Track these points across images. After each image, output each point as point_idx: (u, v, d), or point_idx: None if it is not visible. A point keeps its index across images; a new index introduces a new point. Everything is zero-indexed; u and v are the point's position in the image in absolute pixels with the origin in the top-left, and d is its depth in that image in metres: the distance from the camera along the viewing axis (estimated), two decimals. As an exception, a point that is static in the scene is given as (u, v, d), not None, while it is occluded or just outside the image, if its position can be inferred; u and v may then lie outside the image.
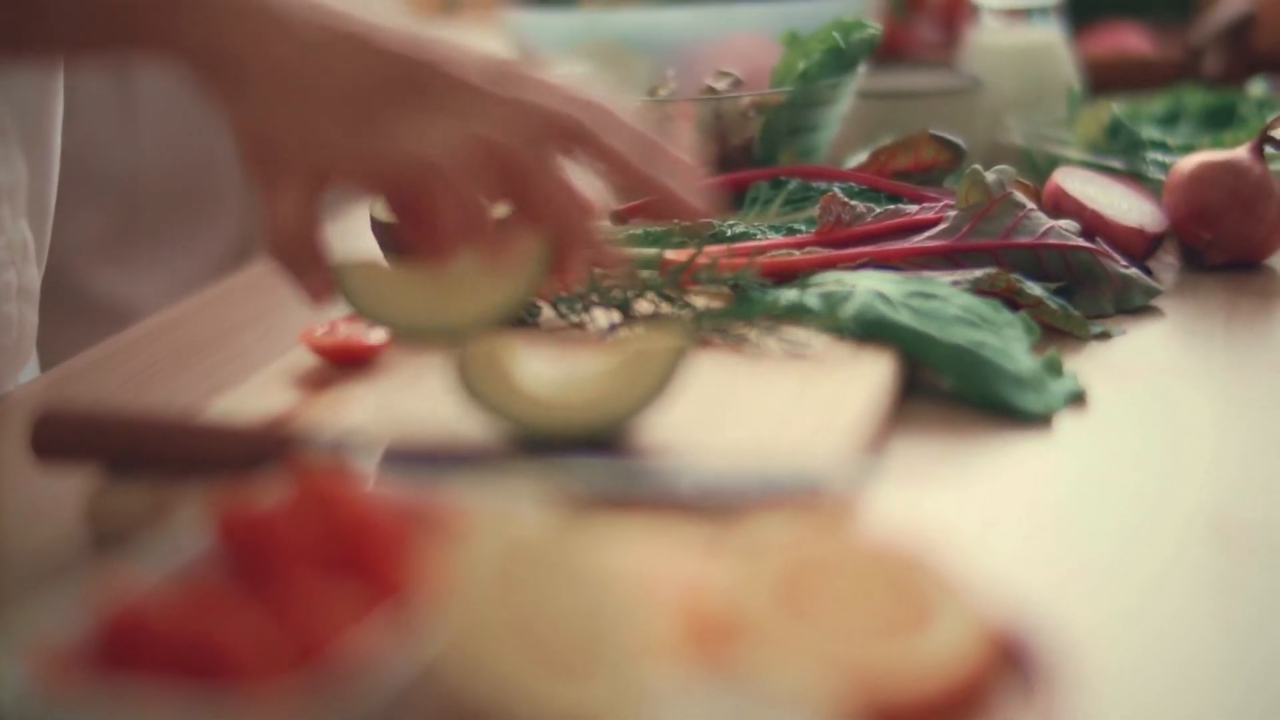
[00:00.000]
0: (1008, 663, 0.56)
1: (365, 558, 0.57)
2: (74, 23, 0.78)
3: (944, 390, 0.89)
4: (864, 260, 0.99)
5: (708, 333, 0.93)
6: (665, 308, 0.97)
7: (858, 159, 1.16)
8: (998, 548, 0.72)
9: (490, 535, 0.53)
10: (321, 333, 0.93)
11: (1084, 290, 1.00)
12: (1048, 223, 1.01)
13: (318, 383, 0.90)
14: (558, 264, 0.83)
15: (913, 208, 1.04)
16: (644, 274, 0.98)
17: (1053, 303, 0.96)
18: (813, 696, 0.53)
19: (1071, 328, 0.96)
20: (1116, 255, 1.02)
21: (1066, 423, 0.86)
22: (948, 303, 0.91)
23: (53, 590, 0.68)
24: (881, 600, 0.57)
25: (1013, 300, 0.95)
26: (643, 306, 0.98)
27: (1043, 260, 0.99)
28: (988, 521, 0.75)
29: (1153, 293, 1.02)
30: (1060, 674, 0.55)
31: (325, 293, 0.82)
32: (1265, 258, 1.10)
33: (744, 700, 0.53)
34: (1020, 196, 1.01)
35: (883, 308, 0.90)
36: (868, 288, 0.92)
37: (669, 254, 1.00)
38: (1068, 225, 1.02)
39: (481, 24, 1.91)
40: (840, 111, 1.24)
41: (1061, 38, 1.42)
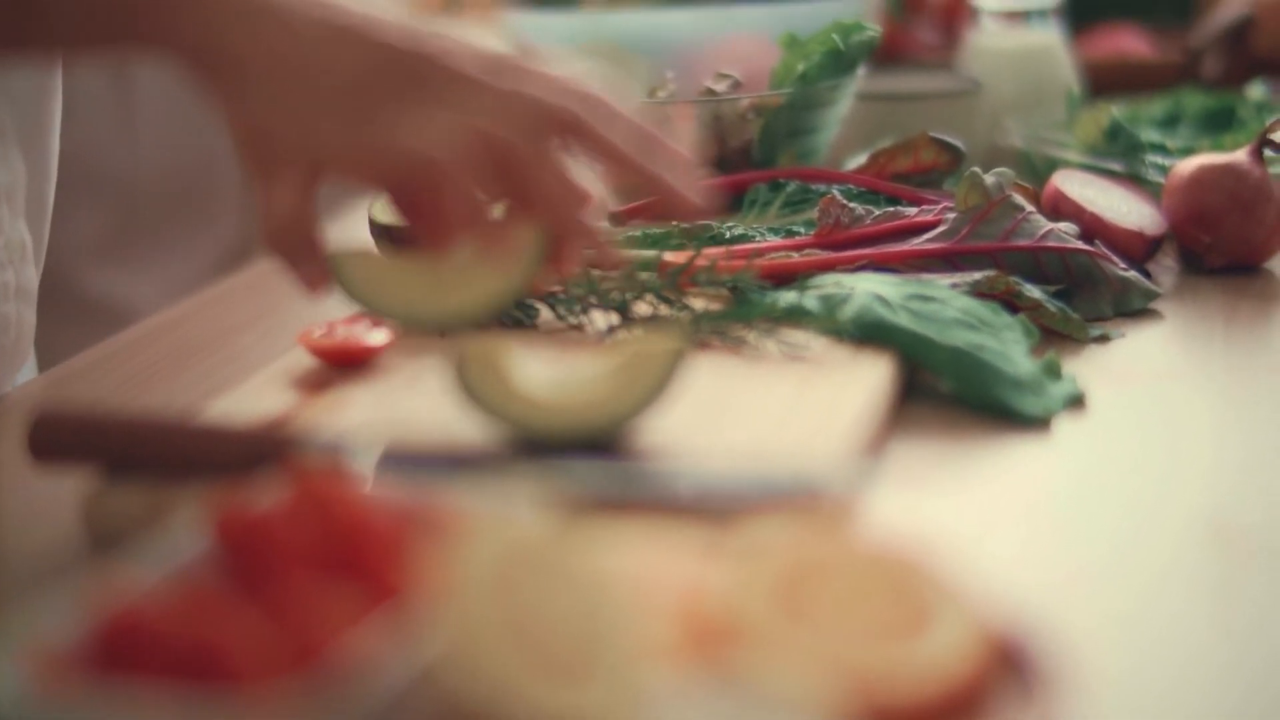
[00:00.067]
0: (1006, 666, 0.56)
1: (363, 560, 0.57)
2: (72, 20, 0.78)
3: (943, 393, 0.89)
4: (863, 262, 0.99)
5: (706, 335, 0.93)
6: (664, 310, 0.97)
7: (857, 161, 1.16)
8: (996, 551, 0.72)
9: (488, 537, 0.53)
10: (320, 334, 0.93)
11: (1083, 293, 1.00)
12: (1047, 225, 1.01)
13: (316, 384, 0.89)
14: (554, 256, 0.83)
15: (912, 210, 1.04)
16: (643, 276, 0.98)
17: (1052, 305, 0.96)
18: (811, 699, 0.53)
19: (1070, 330, 0.96)
20: (1115, 258, 1.02)
21: (1065, 426, 0.85)
22: (946, 305, 0.91)
23: (50, 591, 0.68)
24: (880, 603, 0.57)
25: (1012, 303, 0.95)
26: (641, 308, 0.97)
27: (1042, 263, 0.99)
28: (986, 524, 0.75)
29: (1152, 296, 1.02)
30: (1058, 677, 0.55)
31: (321, 282, 0.82)
32: (1264, 261, 1.10)
33: (742, 703, 0.53)
34: (1019, 199, 1.01)
35: (881, 310, 0.90)
36: (866, 290, 0.92)
37: (668, 256, 1.00)
38: (1067, 228, 1.02)
39: (482, 25, 1.91)
40: (839, 113, 1.24)
41: (1061, 40, 1.42)
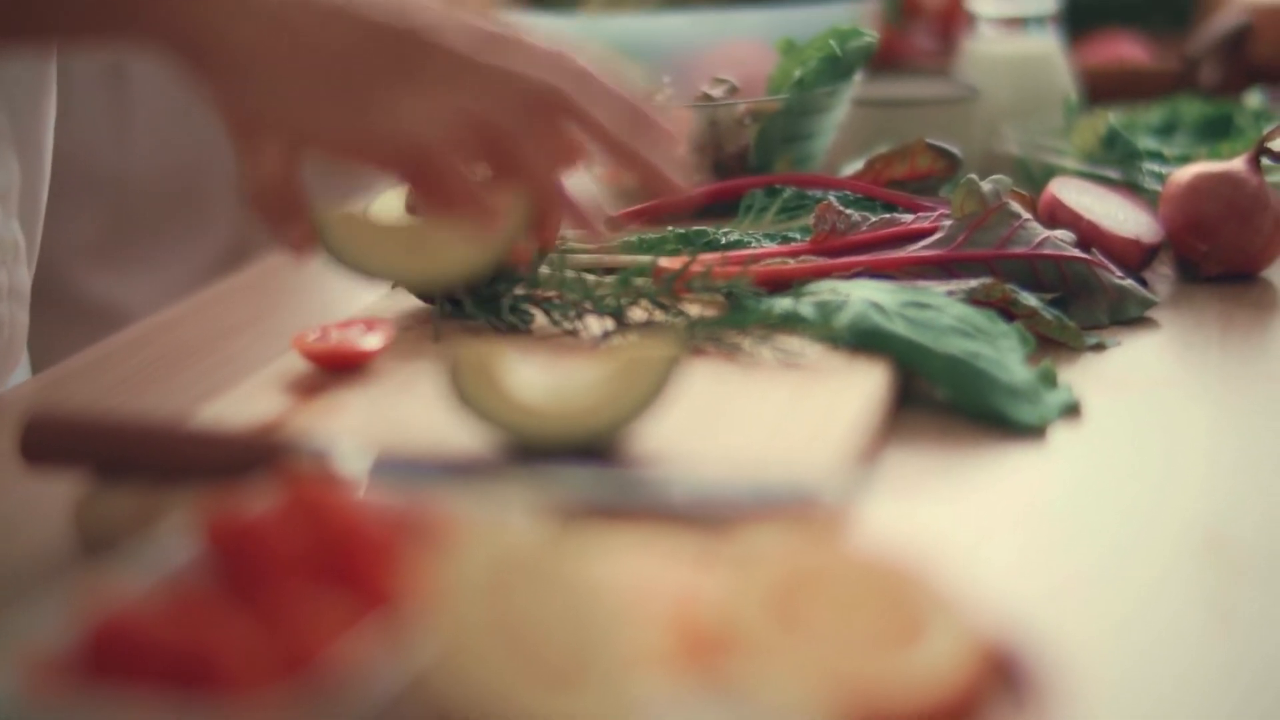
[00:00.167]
0: (1000, 675, 0.56)
1: (355, 566, 0.57)
2: (63, 10, 0.79)
3: (938, 401, 0.88)
4: (859, 269, 0.99)
5: (701, 341, 0.92)
6: (659, 315, 0.97)
7: (853, 167, 1.16)
8: (991, 559, 0.72)
9: (481, 544, 0.53)
10: (314, 338, 0.93)
11: (1079, 301, 1.00)
12: (1043, 233, 1.00)
13: (309, 388, 0.89)
14: (538, 224, 0.84)
15: (908, 217, 1.04)
16: (638, 281, 0.98)
17: (1048, 313, 0.96)
18: (805, 709, 0.52)
19: (1066, 339, 0.96)
20: (1112, 266, 1.02)
21: (1061, 434, 0.85)
22: (942, 313, 0.90)
23: (40, 596, 0.68)
24: (874, 612, 0.57)
25: (1008, 311, 0.95)
26: (636, 314, 0.97)
27: (1038, 271, 0.99)
28: (981, 533, 0.75)
29: (1148, 304, 1.02)
30: (1053, 686, 0.55)
31: (306, 245, 0.83)
32: (1261, 269, 1.10)
33: (735, 712, 0.52)
34: (1016, 206, 1.01)
35: (877, 317, 0.90)
36: (862, 297, 0.92)
37: (663, 261, 1.00)
38: (1063, 235, 1.02)
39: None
40: (836, 119, 1.24)
41: (1058, 47, 1.42)
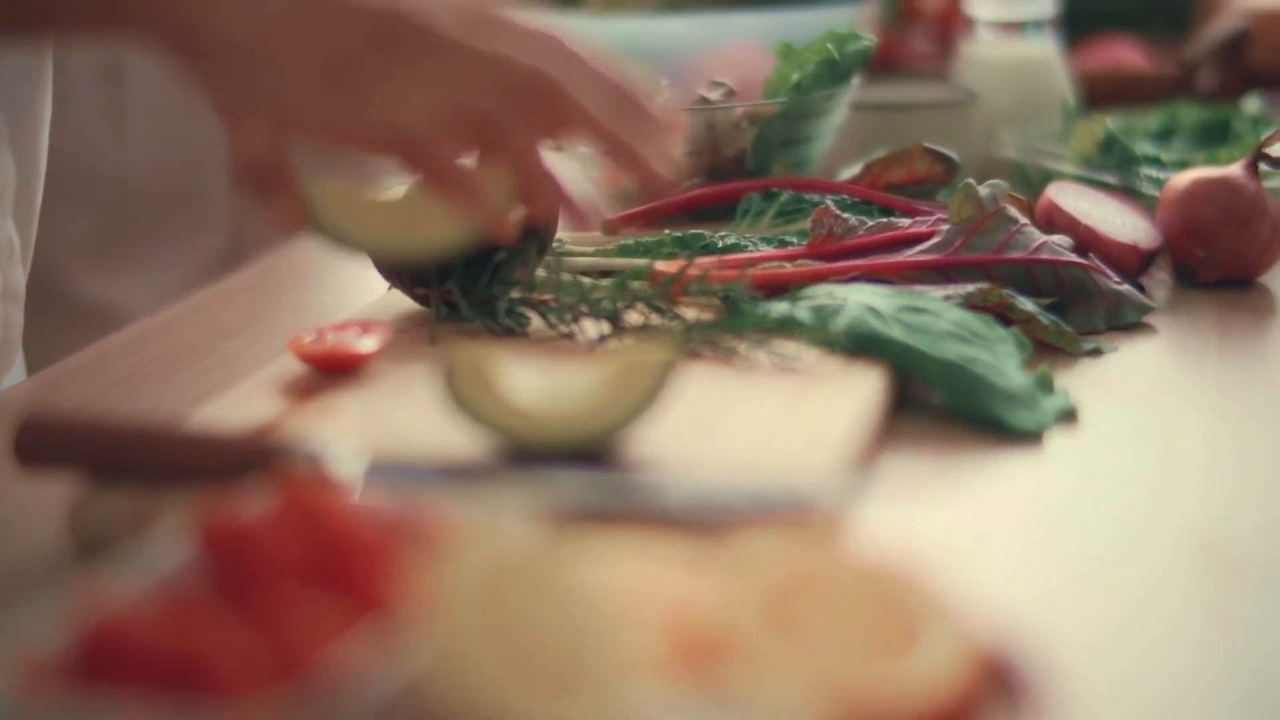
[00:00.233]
0: (997, 681, 0.56)
1: (349, 570, 0.57)
2: (47, 2, 0.79)
3: (935, 406, 0.88)
4: (856, 274, 0.99)
5: (697, 345, 0.92)
6: (655, 319, 0.97)
7: (851, 171, 1.16)
8: (988, 565, 0.72)
9: (476, 548, 0.53)
10: (309, 340, 0.92)
11: (1076, 306, 1.00)
12: (1041, 238, 1.00)
13: (304, 391, 0.89)
14: (524, 202, 0.85)
15: (905, 221, 1.04)
16: (634, 285, 0.98)
17: (1045, 318, 0.96)
18: (800, 715, 0.52)
19: (1063, 344, 0.96)
20: (1109, 271, 1.02)
21: (1057, 440, 0.85)
22: (939, 317, 0.90)
23: (33, 600, 0.67)
24: (871, 617, 0.57)
25: (1005, 316, 0.95)
26: (632, 318, 0.97)
27: (1035, 276, 0.99)
28: (978, 538, 0.75)
29: (1145, 309, 1.02)
30: (1049, 692, 0.55)
31: (294, 219, 0.83)
32: (1258, 275, 1.10)
33: (731, 718, 0.52)
34: (1013, 211, 1.01)
35: (874, 322, 0.90)
36: (859, 301, 0.92)
37: (659, 265, 1.00)
38: (1061, 240, 1.02)
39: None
40: (833, 123, 1.24)
41: (1056, 51, 1.42)
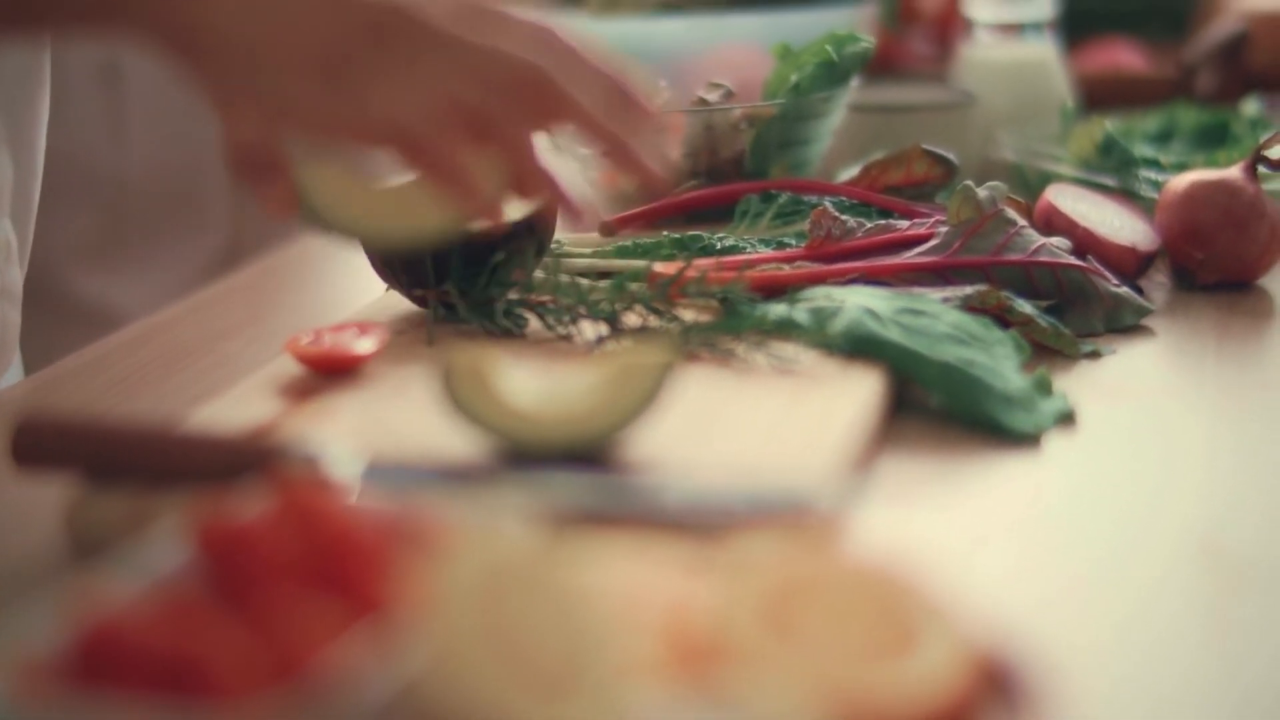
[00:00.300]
0: (994, 684, 0.56)
1: (347, 572, 0.57)
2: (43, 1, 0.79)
3: (933, 408, 0.88)
4: (854, 276, 0.99)
5: (695, 347, 0.92)
6: (653, 321, 0.97)
7: (849, 173, 1.16)
8: (986, 567, 0.72)
9: (473, 550, 0.53)
10: (307, 341, 0.92)
11: (1075, 308, 1.00)
12: (1039, 240, 1.00)
13: (302, 392, 0.89)
14: (517, 191, 0.85)
15: (904, 223, 1.04)
16: (632, 286, 0.97)
17: (1043, 321, 0.96)
18: (797, 717, 0.52)
19: (1062, 346, 0.96)
20: (1108, 274, 1.02)
21: (1056, 442, 0.85)
22: (937, 320, 0.90)
23: (30, 600, 0.67)
24: (868, 620, 0.57)
25: (1003, 318, 0.95)
26: (630, 319, 0.97)
27: (1034, 278, 0.99)
28: (976, 541, 0.75)
29: (1144, 312, 1.02)
30: (1047, 695, 0.55)
31: (287, 205, 0.83)
32: (1257, 278, 1.10)
33: (727, 721, 0.52)
34: (1012, 213, 1.01)
35: (872, 324, 0.90)
36: (857, 303, 0.92)
37: (658, 267, 1.00)
38: (1059, 243, 1.02)
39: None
40: (832, 125, 1.24)
41: (1055, 53, 1.42)
